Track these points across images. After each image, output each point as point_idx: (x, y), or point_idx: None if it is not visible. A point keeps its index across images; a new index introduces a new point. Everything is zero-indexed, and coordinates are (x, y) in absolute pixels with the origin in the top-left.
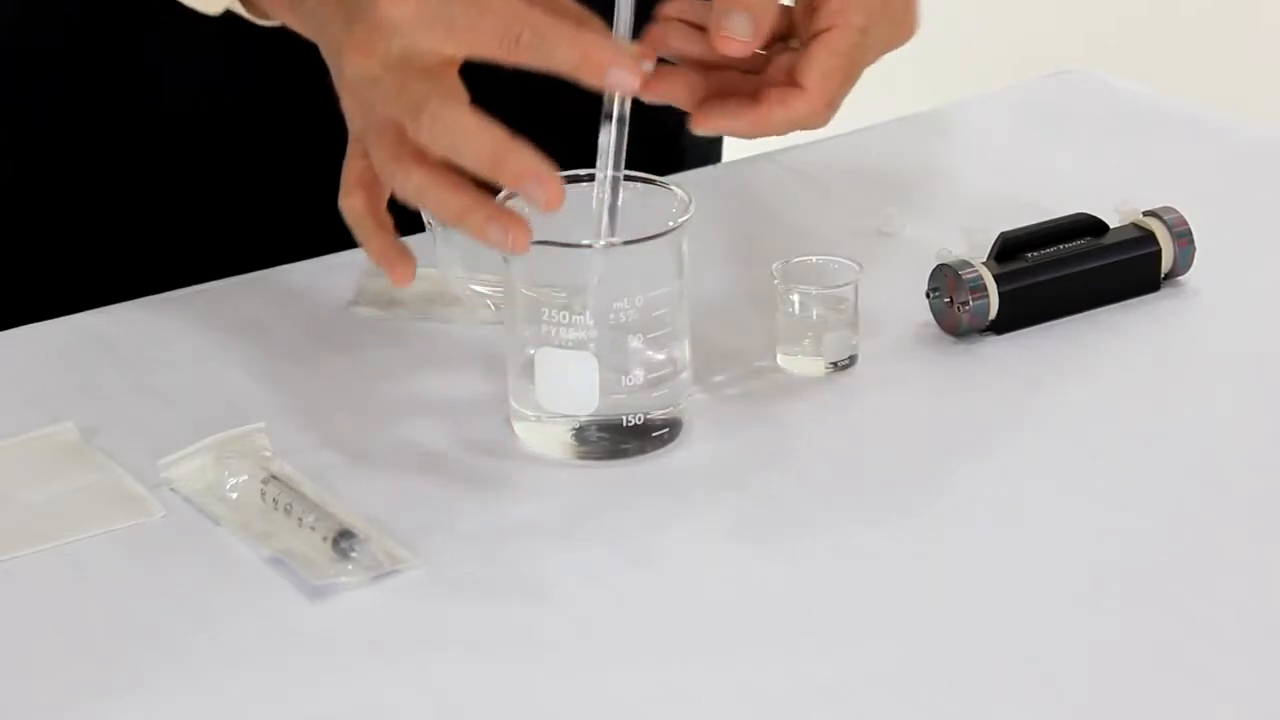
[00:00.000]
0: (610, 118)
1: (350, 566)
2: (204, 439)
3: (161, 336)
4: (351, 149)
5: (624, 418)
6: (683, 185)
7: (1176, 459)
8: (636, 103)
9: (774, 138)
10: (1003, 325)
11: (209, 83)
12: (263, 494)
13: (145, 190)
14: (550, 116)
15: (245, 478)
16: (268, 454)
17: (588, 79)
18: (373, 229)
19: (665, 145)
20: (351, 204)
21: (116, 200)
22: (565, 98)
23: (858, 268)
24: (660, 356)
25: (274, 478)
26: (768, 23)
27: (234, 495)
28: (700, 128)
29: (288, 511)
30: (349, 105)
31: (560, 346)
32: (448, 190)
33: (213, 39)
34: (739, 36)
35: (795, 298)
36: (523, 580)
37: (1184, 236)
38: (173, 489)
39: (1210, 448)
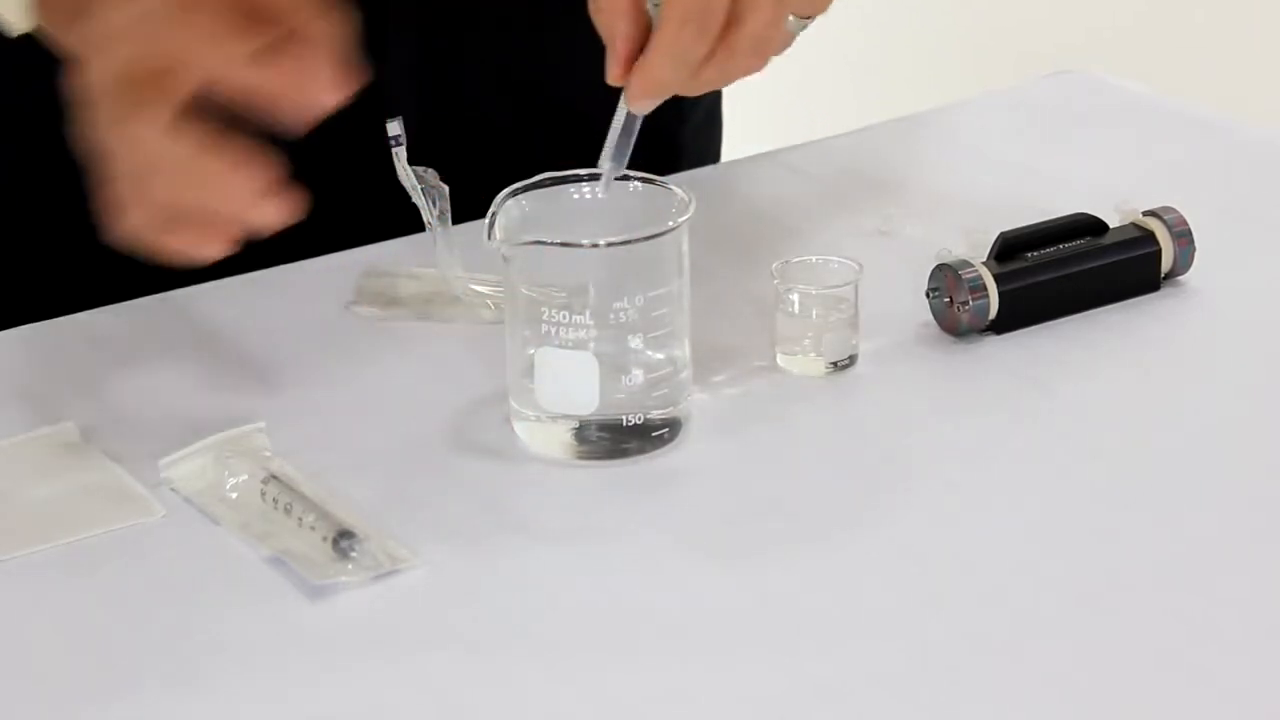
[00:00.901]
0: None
1: (350, 566)
2: (204, 439)
3: (161, 336)
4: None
5: (624, 418)
6: (683, 185)
7: (1177, 458)
8: None
9: (771, 138)
10: (1003, 325)
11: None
12: (263, 494)
13: None
14: (541, 108)
15: (245, 478)
16: (268, 454)
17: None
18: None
19: (663, 144)
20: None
21: None
22: (555, 88)
23: (858, 268)
24: (660, 356)
25: (274, 478)
26: (626, 50)
27: (234, 495)
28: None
29: (288, 511)
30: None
31: (560, 346)
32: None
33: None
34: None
35: (795, 298)
36: (523, 580)
37: (1184, 236)
38: (173, 489)
39: (1211, 447)
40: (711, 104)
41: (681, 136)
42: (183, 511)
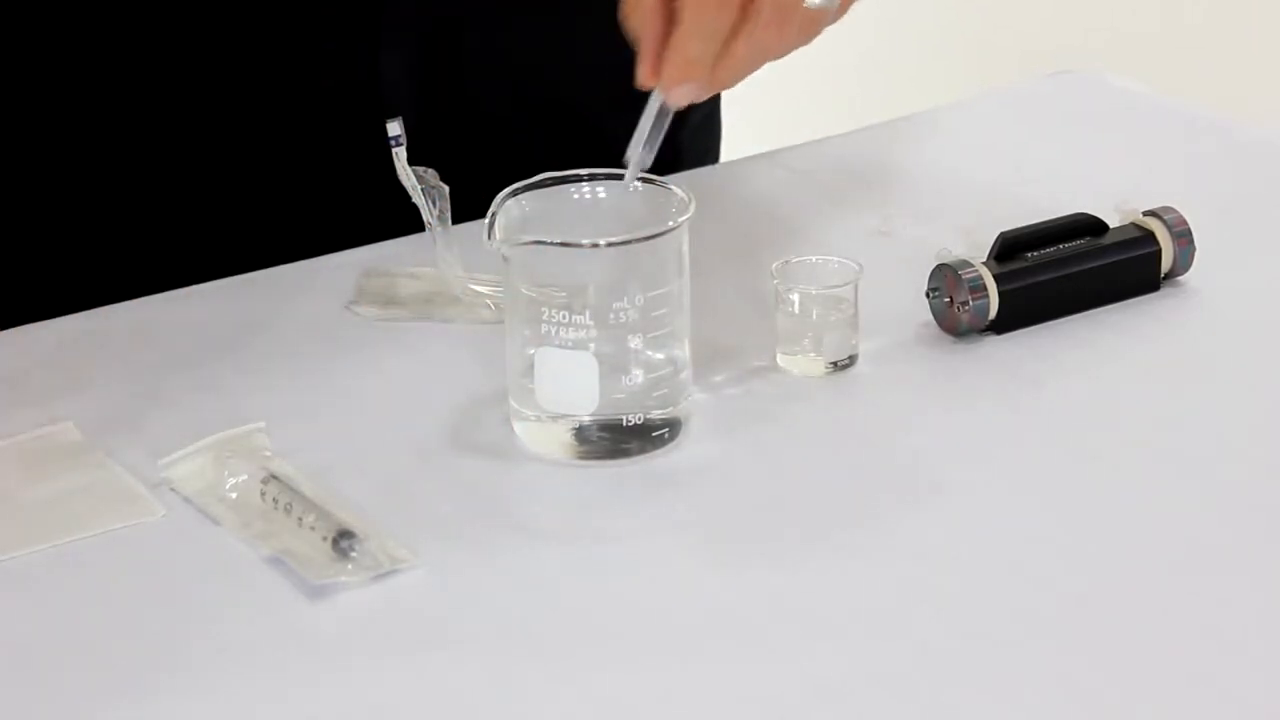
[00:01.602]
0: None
1: (350, 566)
2: (204, 439)
3: (161, 336)
4: None
5: (624, 418)
6: (683, 185)
7: (1176, 458)
8: (628, 105)
9: (771, 138)
10: (1003, 325)
11: (209, 83)
12: (263, 494)
13: (145, 190)
14: (541, 107)
15: (245, 477)
16: (268, 454)
17: None
18: None
19: (661, 146)
20: None
21: (116, 200)
22: (555, 87)
23: (858, 268)
24: (660, 356)
25: (274, 477)
26: (655, 47)
27: (233, 495)
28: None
29: (287, 511)
30: None
31: (560, 346)
32: None
33: (213, 40)
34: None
35: (795, 298)
36: (523, 580)
37: (1184, 236)
38: (173, 489)
39: (1210, 447)
40: (710, 106)
41: (680, 138)
42: (183, 511)
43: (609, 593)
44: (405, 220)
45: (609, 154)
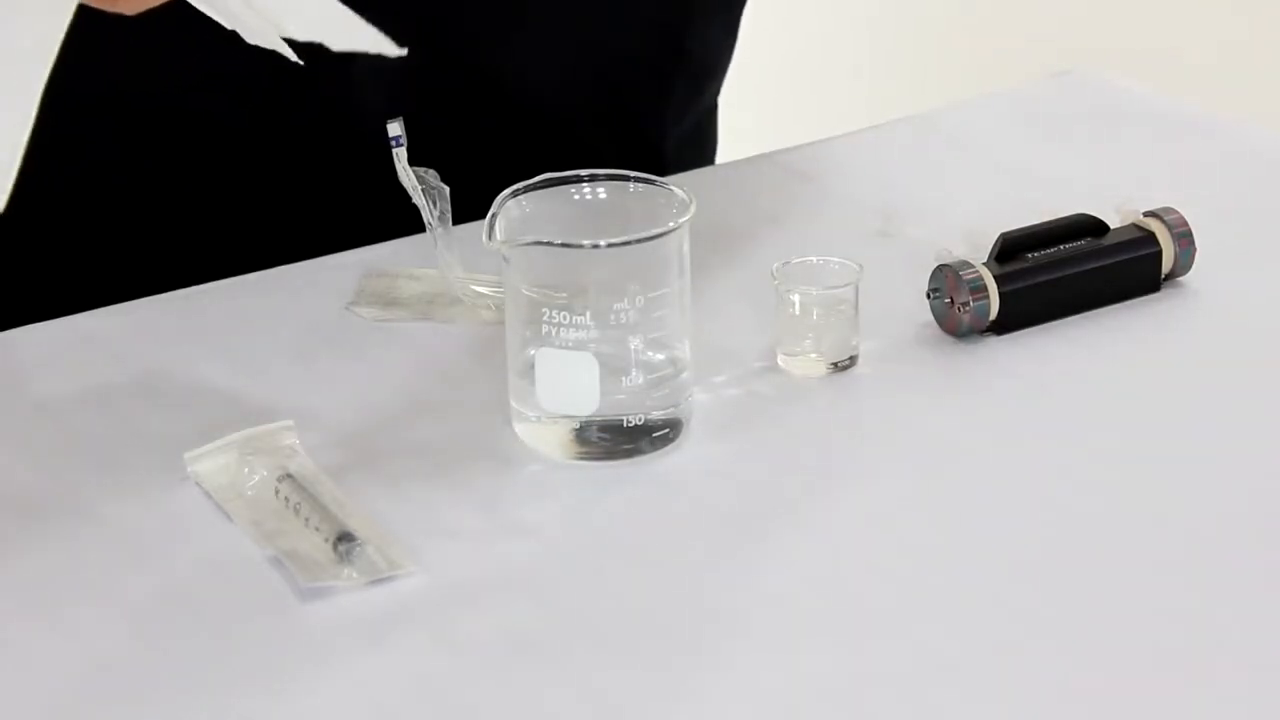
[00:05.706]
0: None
1: (346, 570)
2: (230, 435)
3: (161, 336)
4: None
5: (624, 418)
6: (683, 185)
7: (1177, 460)
8: (619, 118)
9: (771, 138)
10: (1003, 326)
11: (208, 82)
12: (276, 492)
13: (145, 190)
14: (527, 120)
15: (264, 474)
16: (292, 452)
17: None
18: None
19: (648, 156)
20: None
21: (116, 200)
22: (536, 93)
23: (858, 268)
24: (660, 357)
25: (289, 476)
26: None
27: (250, 493)
28: None
29: (296, 512)
30: None
31: (560, 347)
32: None
33: (214, 38)
34: None
35: (795, 298)
36: (523, 580)
37: (1184, 237)
38: (198, 483)
39: (1211, 448)
40: (702, 115)
41: (665, 149)
42: (186, 510)
43: (609, 593)
44: (405, 221)
45: (583, 159)
